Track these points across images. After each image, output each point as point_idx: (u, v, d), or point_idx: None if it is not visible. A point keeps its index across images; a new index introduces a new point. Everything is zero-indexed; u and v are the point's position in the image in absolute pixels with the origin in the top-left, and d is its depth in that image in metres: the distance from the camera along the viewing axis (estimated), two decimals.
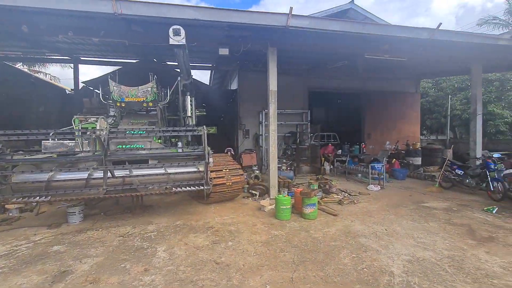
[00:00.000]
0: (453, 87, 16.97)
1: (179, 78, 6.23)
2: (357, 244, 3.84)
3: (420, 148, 10.88)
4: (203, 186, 4.67)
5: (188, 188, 4.77)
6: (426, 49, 7.23)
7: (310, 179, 7.77)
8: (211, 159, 4.61)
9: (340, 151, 10.91)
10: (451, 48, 7.30)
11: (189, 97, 6.83)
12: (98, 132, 4.53)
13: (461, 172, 6.88)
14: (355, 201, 6.06)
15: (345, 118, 15.81)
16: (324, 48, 6.93)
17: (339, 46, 6.87)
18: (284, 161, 9.52)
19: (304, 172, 10.21)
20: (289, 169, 8.90)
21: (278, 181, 7.08)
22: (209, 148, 5.16)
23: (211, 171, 5.56)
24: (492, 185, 6.09)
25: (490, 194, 6.19)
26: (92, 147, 4.89)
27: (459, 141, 13.09)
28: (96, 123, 5.53)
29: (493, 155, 6.41)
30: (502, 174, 5.59)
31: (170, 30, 4.11)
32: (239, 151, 10.93)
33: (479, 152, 7.58)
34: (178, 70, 6.46)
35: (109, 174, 4.27)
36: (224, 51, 6.04)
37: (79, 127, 5.89)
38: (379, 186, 7.35)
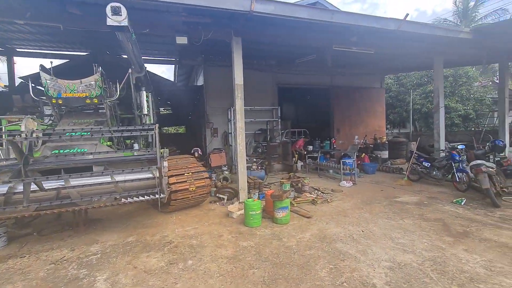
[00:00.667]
0: (412, 83, 17.75)
1: (130, 71, 5.39)
2: (334, 251, 3.44)
3: (387, 142, 11.05)
4: (157, 194, 3.97)
5: (140, 198, 4.05)
6: (393, 42, 7.16)
7: (282, 178, 7.36)
8: (165, 163, 3.92)
9: (311, 147, 10.68)
10: (416, 41, 7.30)
11: (144, 92, 6.01)
12: (20, 136, 3.60)
13: (428, 165, 6.91)
14: (328, 200, 5.74)
15: (314, 114, 15.74)
16: (292, 38, 6.49)
17: (307, 38, 6.49)
18: (255, 160, 9.02)
19: (276, 170, 9.81)
20: (260, 168, 8.42)
21: (248, 182, 6.55)
22: (165, 150, 4.46)
23: (171, 176, 4.87)
24: (458, 176, 6.13)
25: (455, 185, 6.24)
26: (5, 154, 3.94)
27: (420, 134, 13.63)
28: (21, 124, 4.52)
29: (458, 147, 6.49)
30: (469, 165, 5.60)
31: (108, 7, 3.35)
32: (208, 151, 10.24)
33: (442, 144, 7.72)
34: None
35: (34, 187, 3.40)
36: (182, 40, 5.32)
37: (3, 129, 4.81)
38: (351, 182, 7.15)
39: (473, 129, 13.71)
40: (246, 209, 4.41)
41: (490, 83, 19.34)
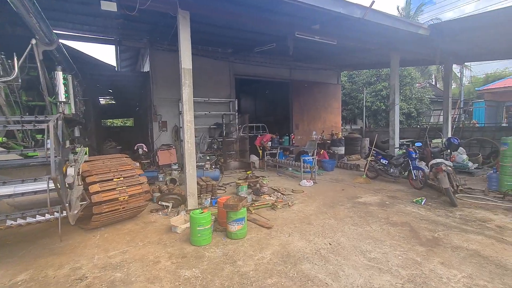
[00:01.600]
0: (364, 81, 18.42)
1: (33, 42, 3.93)
2: (300, 277, 2.74)
3: (343, 138, 11.01)
4: (64, 211, 2.81)
5: (37, 218, 2.83)
6: (355, 35, 6.80)
7: (239, 178, 6.55)
8: (70, 170, 2.76)
9: (270, 143, 10.07)
10: (376, 36, 7.06)
11: (61, 73, 4.57)
12: None
13: (385, 162, 6.77)
14: (289, 204, 5.11)
15: (274, 108, 15.22)
16: (251, 20, 5.64)
17: (269, 20, 5.70)
18: (208, 158, 8.04)
19: (232, 168, 8.96)
20: (215, 167, 7.48)
21: (199, 184, 5.59)
22: (82, 150, 3.27)
23: (92, 183, 3.67)
24: (414, 174, 6.04)
25: (412, 183, 6.16)
26: None
27: (373, 130, 14.09)
28: None
29: (415, 144, 6.43)
30: (429, 164, 5.49)
31: None
32: (155, 147, 8.90)
33: (397, 141, 7.73)
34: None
35: None
36: (108, 6, 4.06)
37: None
38: (311, 181, 6.67)
39: (418, 126, 14.62)
40: (192, 223, 3.48)
41: (427, 84, 21.21)
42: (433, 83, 25.73)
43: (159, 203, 4.82)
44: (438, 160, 5.23)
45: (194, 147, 4.98)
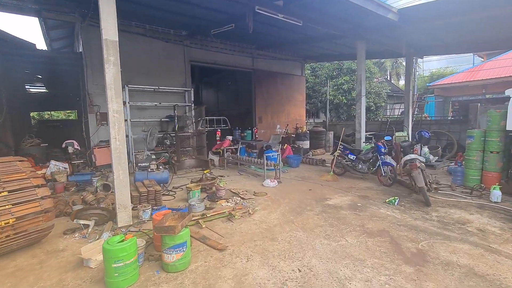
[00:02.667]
0: (327, 75, 18.28)
1: None
2: None
3: (308, 132, 10.46)
4: None
5: None
6: (319, 18, 6.06)
7: (192, 181, 5.48)
8: None
9: (230, 137, 9.07)
10: (343, 19, 6.41)
11: None
12: None
13: (353, 157, 6.24)
14: (250, 211, 4.20)
15: (237, 101, 14.17)
16: None
17: None
18: (154, 156, 6.79)
19: (188, 167, 7.79)
20: (164, 168, 6.27)
21: (139, 191, 4.43)
22: None
23: None
24: (383, 170, 5.58)
25: (380, 179, 5.70)
26: None
27: (336, 123, 13.87)
28: None
29: (384, 138, 5.98)
30: (403, 160, 5.01)
31: None
32: (92, 144, 7.33)
33: (363, 135, 7.30)
34: None
35: None
36: None
37: None
38: (276, 181, 5.85)
39: (379, 120, 14.79)
40: (106, 258, 2.36)
41: (384, 80, 21.98)
42: (388, 78, 26.95)
43: (75, 221, 3.54)
44: (412, 156, 4.78)
45: (125, 145, 3.77)
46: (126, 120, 7.56)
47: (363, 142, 6.97)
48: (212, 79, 16.96)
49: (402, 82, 26.84)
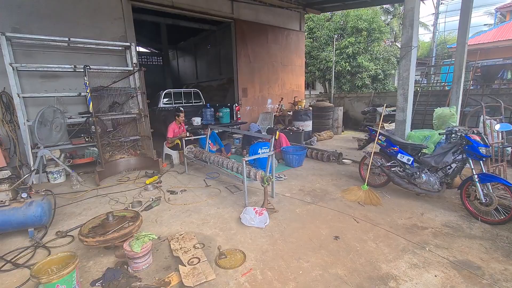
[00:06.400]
0: (327, 37, 14.68)
1: None
2: None
3: (310, 108, 7.35)
4: None
5: None
6: None
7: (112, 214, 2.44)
8: None
9: (199, 119, 5.93)
10: None
11: None
12: None
13: (409, 160, 3.26)
14: None
15: (217, 68, 10.73)
16: None
17: None
18: (61, 156, 3.66)
19: (125, 170, 4.71)
20: (31, 196, 3.13)
21: None
22: None
23: None
24: (482, 192, 2.64)
25: (471, 209, 2.80)
26: None
27: (343, 96, 10.70)
28: None
29: (494, 126, 2.99)
30: None
31: None
32: None
33: (410, 115, 4.27)
34: None
35: None
36: None
37: None
38: (265, 213, 2.84)
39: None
40: None
41: (390, 43, 18.46)
42: (393, 41, 23.24)
43: None
44: None
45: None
46: (22, 96, 4.27)
47: (410, 131, 3.97)
48: (189, 43, 13.29)
49: None
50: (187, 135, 5.29)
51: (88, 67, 3.85)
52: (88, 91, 3.77)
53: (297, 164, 4.70)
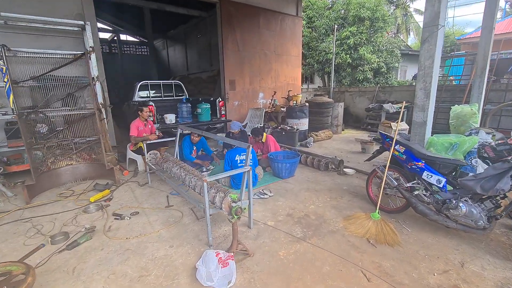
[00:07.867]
0: (327, 26, 13.53)
1: None
2: None
3: (306, 104, 6.33)
4: None
5: None
6: None
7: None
8: None
9: (173, 116, 4.91)
10: None
11: None
12: None
13: (440, 181, 2.28)
14: None
15: (208, 59, 9.69)
16: None
17: None
18: None
19: (72, 181, 3.73)
20: None
21: None
22: None
23: None
24: None
25: None
26: None
27: (343, 90, 9.63)
28: None
29: None
30: None
31: None
32: None
33: (431, 115, 3.27)
34: None
35: None
36: None
37: None
38: (231, 263, 1.89)
39: (413, 84, 10.61)
40: None
41: (393, 35, 17.28)
42: (396, 33, 22.03)
43: None
44: None
45: None
46: None
47: (439, 136, 3.00)
48: (179, 32, 12.16)
49: (410, 42, 21.89)
50: (158, 135, 4.31)
51: (5, 47, 2.81)
52: (5, 79, 2.75)
53: (287, 175, 3.73)
